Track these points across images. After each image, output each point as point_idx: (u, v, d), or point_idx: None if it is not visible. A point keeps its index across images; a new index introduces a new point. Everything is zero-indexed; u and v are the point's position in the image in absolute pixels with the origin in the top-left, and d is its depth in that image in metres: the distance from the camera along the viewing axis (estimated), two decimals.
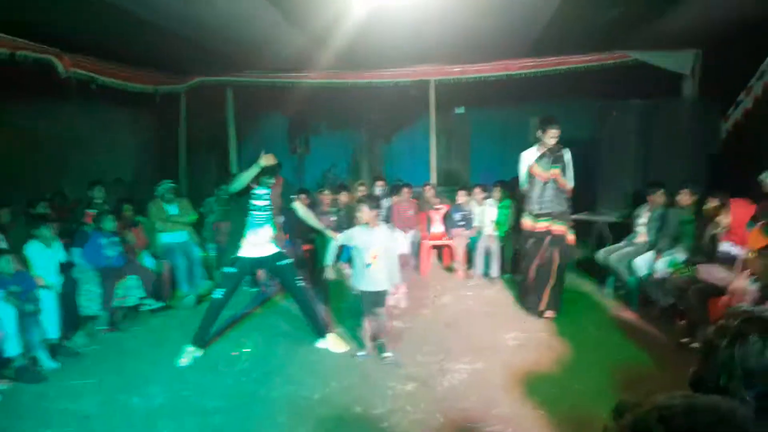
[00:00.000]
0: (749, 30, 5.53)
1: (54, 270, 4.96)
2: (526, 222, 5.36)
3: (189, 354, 4.49)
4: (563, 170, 5.17)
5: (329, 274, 4.47)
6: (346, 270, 5.57)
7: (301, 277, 4.79)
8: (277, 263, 4.66)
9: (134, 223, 6.26)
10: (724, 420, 0.83)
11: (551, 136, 5.12)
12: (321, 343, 4.70)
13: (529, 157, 5.34)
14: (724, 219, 4.33)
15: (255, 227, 4.53)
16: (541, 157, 5.20)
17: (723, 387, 1.16)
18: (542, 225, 5.24)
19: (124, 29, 5.29)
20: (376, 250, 4.27)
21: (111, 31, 5.40)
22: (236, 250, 4.57)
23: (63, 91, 5.87)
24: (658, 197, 5.70)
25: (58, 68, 5.54)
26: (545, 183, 5.18)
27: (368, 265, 4.27)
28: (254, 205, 4.50)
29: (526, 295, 5.51)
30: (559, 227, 5.23)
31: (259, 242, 4.55)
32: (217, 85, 8.22)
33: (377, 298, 4.37)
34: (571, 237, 5.31)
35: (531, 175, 5.27)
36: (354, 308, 4.73)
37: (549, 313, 5.28)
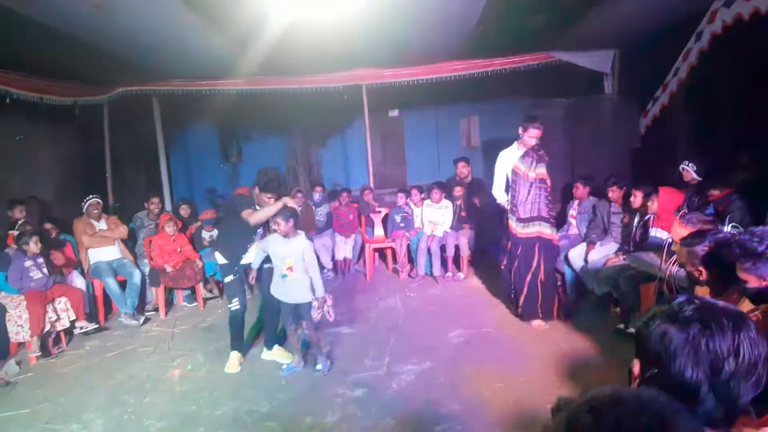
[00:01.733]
0: (663, 30, 5.87)
1: None
2: (514, 228, 4.95)
3: (235, 359, 4.48)
4: (548, 170, 4.87)
5: (251, 276, 4.48)
6: None
7: None
8: (265, 266, 4.59)
9: (60, 243, 5.95)
10: (646, 407, 0.89)
11: (531, 136, 4.74)
12: (266, 355, 4.63)
13: (509, 157, 4.95)
14: (652, 206, 4.55)
15: (258, 236, 4.59)
16: (524, 156, 4.83)
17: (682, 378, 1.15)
18: (531, 231, 4.89)
19: (37, 41, 5.02)
20: (290, 261, 4.19)
21: (24, 43, 5.12)
22: (236, 260, 4.52)
23: None
24: (580, 191, 5.96)
25: None
26: (531, 184, 4.82)
27: (284, 275, 4.21)
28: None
29: (517, 305, 5.15)
30: (547, 231, 4.91)
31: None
32: (141, 95, 7.91)
33: (298, 311, 4.31)
34: (555, 237, 5.07)
35: (515, 175, 4.89)
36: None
37: (538, 323, 4.98)
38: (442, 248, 6.83)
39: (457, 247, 6.81)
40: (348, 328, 5.24)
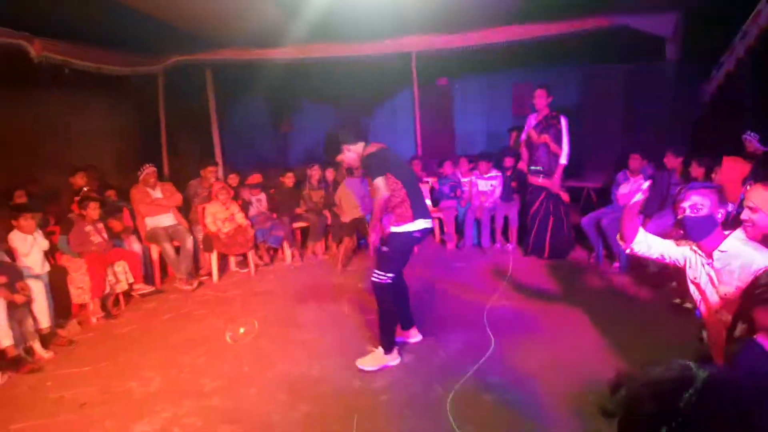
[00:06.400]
0: None
1: (39, 259, 4.88)
2: (528, 176, 6.29)
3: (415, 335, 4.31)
4: (555, 137, 5.91)
5: None
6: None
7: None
8: None
9: (119, 209, 6.17)
10: (719, 393, 0.82)
11: (534, 97, 5.92)
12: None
13: (529, 122, 6.19)
14: (716, 177, 4.33)
15: None
16: (537, 124, 6.02)
17: None
18: (537, 180, 6.11)
19: (93, 10, 5.13)
20: None
21: (81, 13, 5.24)
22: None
23: (35, 76, 5.68)
24: (638, 162, 5.76)
25: (30, 53, 5.36)
26: (538, 146, 6.04)
27: None
28: None
29: (526, 242, 6.36)
30: (552, 184, 6.04)
31: None
32: (194, 65, 8.02)
33: None
34: (564, 195, 6.18)
35: (530, 138, 6.17)
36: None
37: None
38: (492, 219, 6.74)
39: (506, 218, 6.71)
40: None
